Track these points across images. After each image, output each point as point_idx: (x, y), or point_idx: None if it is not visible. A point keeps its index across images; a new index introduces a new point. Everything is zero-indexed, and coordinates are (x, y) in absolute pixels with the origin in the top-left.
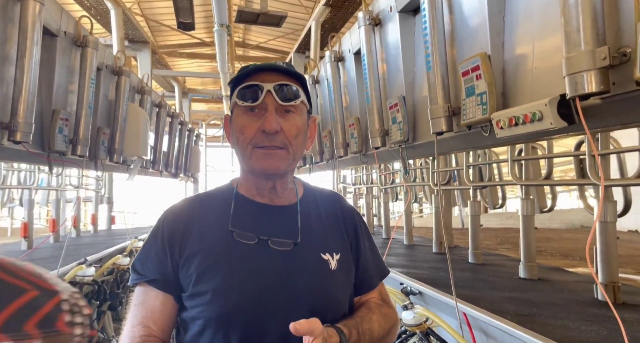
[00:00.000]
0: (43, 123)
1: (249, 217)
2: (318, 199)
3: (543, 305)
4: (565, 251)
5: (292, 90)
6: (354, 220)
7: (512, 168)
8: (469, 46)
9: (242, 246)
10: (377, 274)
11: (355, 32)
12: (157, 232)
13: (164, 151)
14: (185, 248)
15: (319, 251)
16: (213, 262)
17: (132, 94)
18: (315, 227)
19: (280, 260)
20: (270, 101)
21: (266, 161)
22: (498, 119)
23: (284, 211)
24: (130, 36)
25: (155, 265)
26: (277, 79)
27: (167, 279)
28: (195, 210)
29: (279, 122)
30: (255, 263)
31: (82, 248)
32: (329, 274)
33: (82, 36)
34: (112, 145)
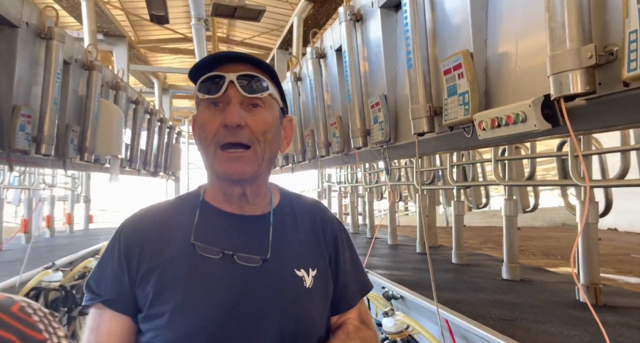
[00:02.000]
0: (2, 120)
1: (215, 228)
2: (295, 208)
3: (525, 308)
4: (548, 249)
5: (259, 81)
6: (334, 230)
7: (496, 168)
8: (451, 43)
9: (205, 261)
10: (357, 290)
11: (337, 28)
12: (114, 246)
13: (141, 149)
14: (143, 264)
15: (292, 267)
16: (171, 279)
17: (105, 90)
18: (289, 239)
19: (247, 277)
20: (234, 93)
21: (231, 165)
22: (480, 120)
23: (254, 221)
24: (105, 30)
25: (111, 283)
26: (242, 69)
27: (125, 298)
28: (155, 220)
29: (244, 116)
30: (219, 281)
31: (56, 250)
32: (303, 293)
33: (47, 28)
34: (83, 143)
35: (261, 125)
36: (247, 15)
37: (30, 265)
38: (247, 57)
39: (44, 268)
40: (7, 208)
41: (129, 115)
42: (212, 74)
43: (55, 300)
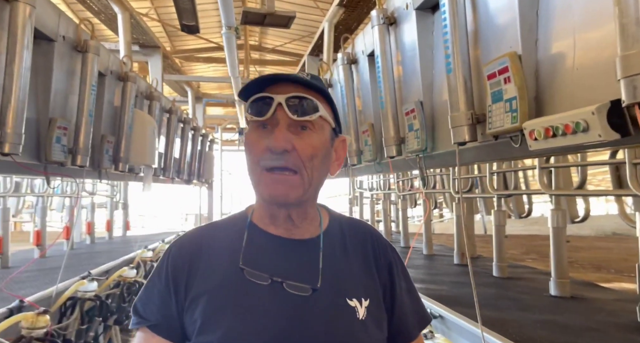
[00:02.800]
0: (39, 133)
1: (263, 252)
2: (345, 231)
3: (579, 330)
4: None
5: (310, 103)
6: (388, 257)
7: (541, 176)
8: (496, 45)
9: (254, 287)
10: (416, 323)
11: (369, 33)
12: (162, 268)
13: (175, 157)
14: (191, 288)
15: (344, 297)
16: (219, 306)
17: (140, 100)
18: (340, 266)
19: (296, 306)
20: (282, 115)
21: (274, 187)
22: (531, 129)
23: (302, 246)
24: (141, 41)
25: (158, 306)
26: (293, 90)
27: (171, 324)
28: (203, 242)
29: (291, 140)
30: (267, 310)
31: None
32: (356, 324)
33: (83, 41)
34: (117, 153)
35: (309, 150)
36: (277, 22)
37: (70, 271)
38: (299, 78)
39: (80, 278)
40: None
41: (163, 124)
42: (261, 95)
43: (90, 309)
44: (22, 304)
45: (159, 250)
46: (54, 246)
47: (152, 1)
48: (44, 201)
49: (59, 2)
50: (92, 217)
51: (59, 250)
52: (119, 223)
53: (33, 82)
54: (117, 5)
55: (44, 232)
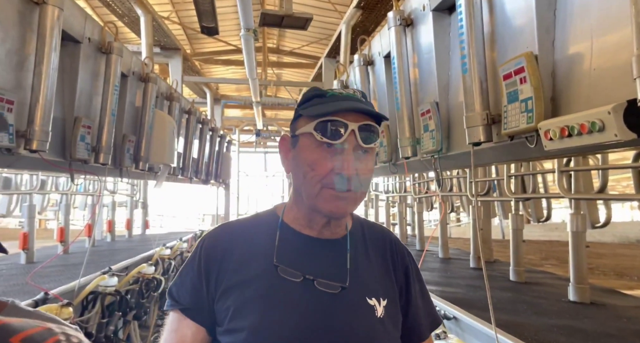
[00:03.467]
0: (65, 131)
1: (295, 251)
2: (367, 234)
3: (598, 336)
4: (620, 269)
5: (375, 131)
6: (405, 261)
7: (560, 179)
8: (512, 46)
9: (286, 283)
10: (428, 324)
11: (386, 34)
12: (195, 258)
13: (193, 158)
14: (224, 279)
15: (365, 296)
16: (252, 297)
17: (160, 100)
18: (362, 267)
19: (325, 302)
20: (352, 141)
21: (335, 204)
22: (547, 129)
23: (331, 246)
24: (162, 43)
25: (190, 292)
26: (361, 118)
27: (201, 309)
28: (235, 237)
29: (356, 166)
30: (297, 304)
31: (115, 254)
32: (375, 322)
33: (107, 42)
34: (138, 152)
35: (368, 174)
36: (295, 24)
37: (92, 267)
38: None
39: (101, 273)
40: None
41: (182, 124)
42: (336, 119)
43: (111, 304)
44: (46, 296)
45: (176, 248)
46: (76, 243)
47: (174, 4)
48: (68, 199)
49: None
50: (113, 215)
51: (81, 247)
52: (138, 222)
53: (59, 82)
54: (140, 8)
55: (67, 229)
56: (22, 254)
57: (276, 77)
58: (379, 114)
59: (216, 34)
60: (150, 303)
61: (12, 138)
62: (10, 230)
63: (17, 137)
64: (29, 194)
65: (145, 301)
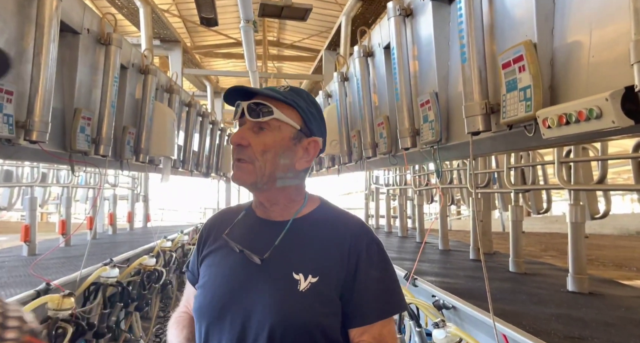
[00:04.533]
0: (65, 122)
1: (245, 229)
2: (326, 220)
3: (596, 325)
4: (620, 260)
5: (264, 109)
6: (360, 245)
7: (560, 170)
8: (511, 35)
9: (231, 253)
10: (377, 308)
11: (385, 25)
12: (198, 236)
13: (194, 151)
14: (205, 248)
15: (290, 270)
16: (211, 264)
17: (160, 93)
18: (298, 246)
19: (251, 271)
20: (247, 117)
21: (235, 173)
22: (545, 116)
23: (272, 226)
24: (162, 36)
25: (192, 262)
26: (260, 99)
27: (194, 273)
28: (222, 217)
29: (247, 137)
30: (229, 271)
31: (117, 246)
32: (293, 294)
33: (106, 34)
34: (138, 145)
35: (260, 146)
36: (294, 15)
37: (93, 259)
38: (261, 91)
39: (102, 264)
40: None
41: (182, 117)
42: (236, 102)
43: (112, 295)
44: (48, 287)
45: (177, 240)
46: (78, 236)
47: None
48: (69, 192)
49: None
50: (114, 209)
51: (83, 240)
52: (140, 215)
53: (59, 74)
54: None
55: (69, 221)
56: (24, 246)
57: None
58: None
59: (215, 25)
60: (151, 294)
61: (12, 128)
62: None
63: (16, 128)
64: (30, 186)
65: (147, 292)
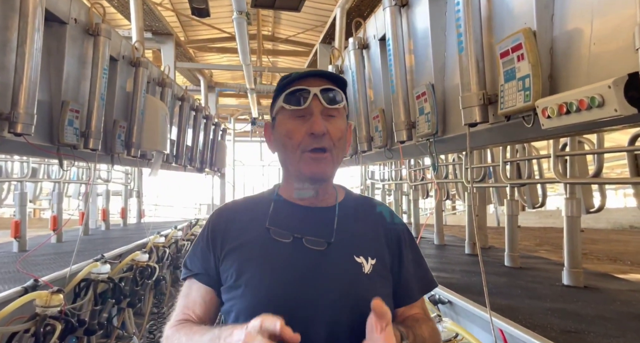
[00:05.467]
0: (52, 115)
1: (287, 217)
2: (359, 204)
3: (592, 319)
4: (614, 254)
5: (338, 94)
6: (397, 229)
7: (556, 164)
8: (510, 23)
9: (278, 243)
10: (419, 287)
11: (381, 16)
12: (204, 231)
13: (187, 145)
14: (226, 245)
15: (352, 254)
16: (248, 258)
17: (152, 86)
18: (351, 229)
19: (312, 258)
20: (317, 104)
21: (315, 166)
22: (545, 106)
23: (321, 212)
24: (153, 28)
25: (200, 260)
26: (322, 83)
27: (210, 274)
28: (238, 209)
29: (325, 125)
30: (288, 260)
31: (110, 242)
32: (361, 276)
33: (94, 24)
34: (130, 139)
35: (338, 133)
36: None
37: (85, 255)
38: (325, 73)
39: (93, 260)
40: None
41: (175, 112)
42: (298, 87)
43: (104, 291)
44: (36, 283)
45: (171, 236)
46: (71, 232)
47: None
48: (60, 187)
49: None
50: (107, 204)
51: (75, 236)
52: (134, 211)
53: (45, 65)
54: None
55: (60, 217)
56: (14, 242)
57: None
58: (337, 75)
59: (207, 16)
60: (144, 290)
61: None
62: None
63: (0, 120)
64: (20, 182)
65: (140, 288)
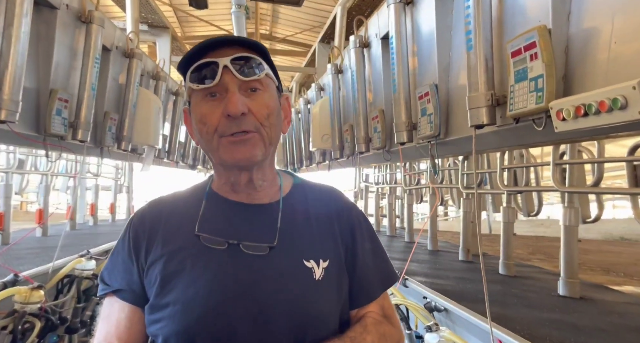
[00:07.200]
0: (40, 104)
1: (221, 218)
2: (308, 196)
3: (590, 331)
4: (607, 265)
5: (255, 62)
6: (351, 218)
7: (555, 172)
8: (522, 21)
9: (210, 252)
10: (379, 282)
11: (384, 13)
12: (124, 237)
13: (180, 141)
14: (150, 253)
15: (300, 258)
16: (175, 271)
17: (146, 79)
18: (299, 229)
19: (253, 267)
20: (230, 78)
21: (237, 150)
22: (560, 108)
23: (262, 210)
24: (149, 21)
25: (122, 273)
26: (234, 51)
27: (134, 289)
28: (163, 211)
29: (245, 103)
30: (223, 272)
31: (97, 238)
32: (311, 285)
33: (87, 11)
34: (121, 132)
35: (263, 110)
36: None
37: (71, 250)
38: (236, 39)
39: (78, 256)
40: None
41: (169, 107)
42: (203, 61)
43: (88, 288)
44: (16, 278)
45: None
46: (57, 227)
47: None
48: (47, 180)
49: None
50: (96, 199)
51: (62, 230)
52: (122, 207)
53: (34, 51)
54: None
55: (47, 210)
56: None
57: None
58: (251, 40)
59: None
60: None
61: None
62: None
63: None
64: (5, 173)
65: None
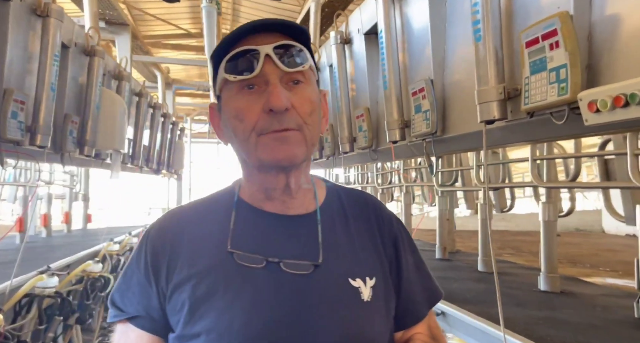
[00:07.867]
0: None
1: (255, 232)
2: (345, 203)
3: (584, 328)
4: (571, 257)
5: (299, 52)
6: (393, 230)
7: (534, 168)
8: (535, 9)
9: (246, 271)
10: (425, 300)
11: (369, 8)
12: (140, 254)
13: (144, 145)
14: (174, 275)
15: (346, 276)
16: (206, 294)
17: (107, 79)
18: (341, 242)
19: (295, 288)
20: (272, 69)
21: (279, 149)
22: (592, 99)
23: (300, 222)
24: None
25: (138, 297)
26: (275, 39)
27: (152, 316)
28: (185, 224)
29: (288, 97)
30: (263, 294)
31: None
32: (360, 307)
33: (43, 4)
34: (83, 136)
35: (307, 105)
36: None
37: (24, 267)
38: (278, 22)
39: (38, 273)
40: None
41: (132, 108)
42: (241, 48)
43: (49, 307)
44: None
45: (125, 243)
46: (5, 240)
47: None
48: None
49: None
50: (49, 209)
51: (11, 244)
52: (77, 216)
53: None
54: None
55: None
56: None
57: None
58: (296, 24)
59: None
60: (96, 304)
61: None
62: None
63: None
64: None
65: (91, 302)
